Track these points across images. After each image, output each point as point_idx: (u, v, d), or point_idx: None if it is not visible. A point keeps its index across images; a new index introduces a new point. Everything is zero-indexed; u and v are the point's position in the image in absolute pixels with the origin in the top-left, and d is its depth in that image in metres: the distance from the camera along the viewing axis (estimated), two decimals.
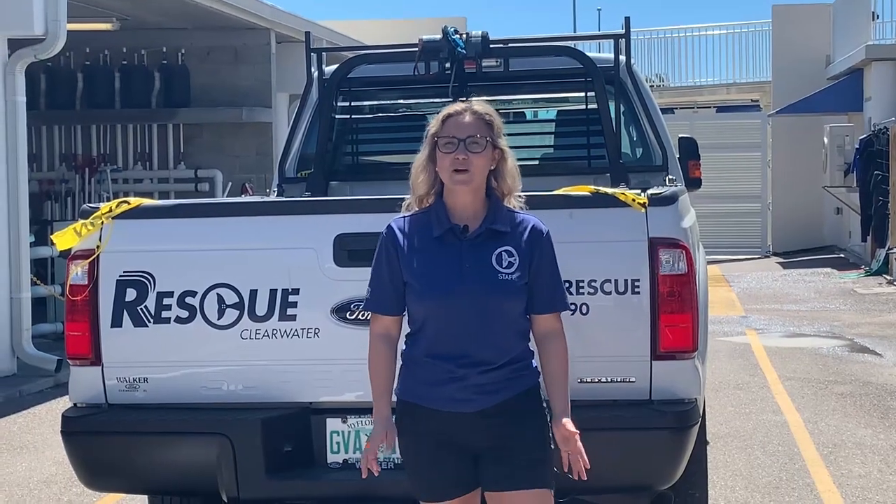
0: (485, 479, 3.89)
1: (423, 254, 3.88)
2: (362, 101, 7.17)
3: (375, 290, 3.94)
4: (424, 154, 3.94)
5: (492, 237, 3.87)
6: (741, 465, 7.60)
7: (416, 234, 3.91)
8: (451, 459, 3.87)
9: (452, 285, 3.82)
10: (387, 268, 3.91)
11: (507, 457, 3.85)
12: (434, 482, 3.90)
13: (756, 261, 23.41)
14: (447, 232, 3.87)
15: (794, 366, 11.27)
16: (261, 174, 16.49)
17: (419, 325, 3.89)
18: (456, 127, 3.87)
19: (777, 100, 24.97)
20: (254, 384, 4.60)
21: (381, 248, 3.95)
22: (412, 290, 3.87)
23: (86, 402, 4.72)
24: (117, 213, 4.64)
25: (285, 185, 6.85)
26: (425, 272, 3.85)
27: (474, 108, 3.92)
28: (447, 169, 3.85)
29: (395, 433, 3.88)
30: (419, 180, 3.94)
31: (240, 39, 16.74)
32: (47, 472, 7.85)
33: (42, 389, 10.94)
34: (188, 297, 4.59)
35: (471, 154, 3.83)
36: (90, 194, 16.26)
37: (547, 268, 3.90)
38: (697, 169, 7.12)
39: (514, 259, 3.85)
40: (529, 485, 3.83)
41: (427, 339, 3.86)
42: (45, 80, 16.66)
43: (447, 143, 3.86)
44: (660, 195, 4.51)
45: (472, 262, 3.84)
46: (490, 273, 3.83)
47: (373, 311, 3.97)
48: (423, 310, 3.86)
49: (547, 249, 3.91)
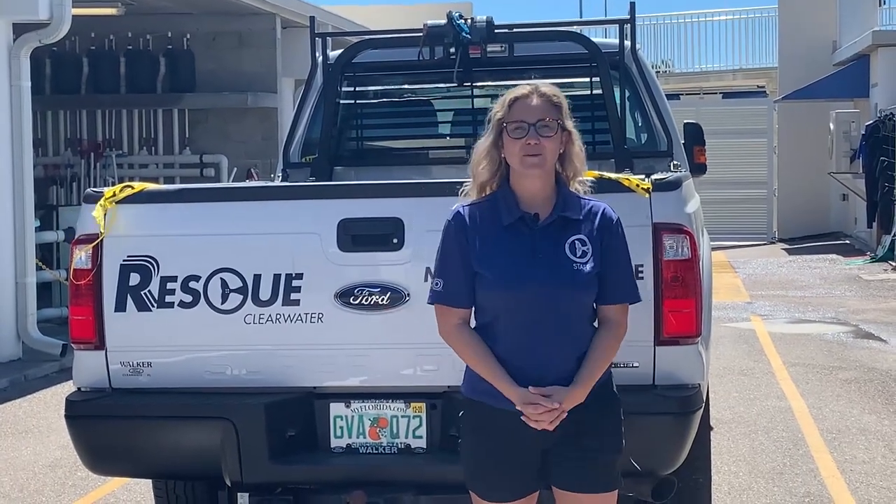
0: (556, 477, 3.78)
1: (493, 243, 3.73)
2: (367, 87, 7.15)
3: (448, 281, 3.76)
4: (489, 140, 3.78)
5: (564, 225, 3.75)
6: (745, 451, 7.61)
7: (484, 222, 3.76)
8: (518, 461, 3.77)
9: (525, 276, 3.68)
10: (459, 257, 3.75)
11: (582, 457, 3.75)
12: (497, 484, 3.79)
13: (761, 247, 23.40)
14: (518, 220, 3.74)
15: (798, 352, 11.27)
16: (266, 159, 16.49)
17: (489, 319, 3.76)
18: (524, 110, 3.74)
19: (783, 86, 24.93)
20: (257, 369, 4.60)
21: (451, 236, 3.79)
22: (483, 281, 3.72)
23: (89, 386, 4.71)
24: (121, 197, 4.64)
25: (290, 170, 6.84)
26: (496, 262, 3.71)
27: (542, 89, 3.78)
28: (517, 154, 3.71)
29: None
30: (481, 167, 3.79)
31: (245, 24, 16.73)
32: (52, 456, 7.88)
33: (47, 374, 10.97)
34: (192, 281, 4.58)
35: (542, 138, 3.70)
36: (95, 179, 16.28)
37: (617, 256, 3.78)
38: (702, 154, 7.10)
39: (587, 248, 3.73)
40: (603, 488, 3.78)
41: (498, 334, 3.73)
42: (50, 65, 16.68)
43: (516, 128, 3.71)
44: (664, 180, 4.50)
45: (545, 251, 3.71)
46: (564, 263, 3.71)
47: (445, 305, 3.80)
48: (493, 302, 3.73)
49: (618, 237, 3.79)
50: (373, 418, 4.58)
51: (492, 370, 3.72)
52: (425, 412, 4.55)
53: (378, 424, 4.59)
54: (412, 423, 4.56)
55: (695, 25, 29.86)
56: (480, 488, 3.82)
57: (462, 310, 3.78)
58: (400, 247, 4.48)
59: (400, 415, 4.58)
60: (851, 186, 21.93)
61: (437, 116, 7.54)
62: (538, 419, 3.66)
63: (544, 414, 3.65)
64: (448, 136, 7.50)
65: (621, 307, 3.81)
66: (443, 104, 7.50)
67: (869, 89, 21.97)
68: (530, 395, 3.67)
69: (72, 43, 16.40)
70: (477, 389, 3.78)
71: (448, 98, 7.42)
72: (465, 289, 3.76)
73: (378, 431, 4.59)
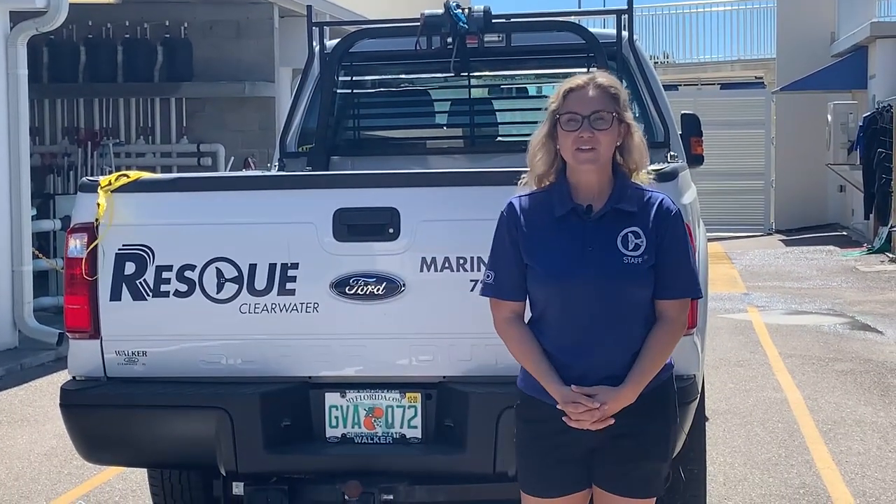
0: (599, 475, 3.73)
1: (543, 235, 3.66)
2: (364, 76, 7.15)
3: (499, 273, 3.70)
4: (543, 131, 3.69)
5: (618, 217, 3.64)
6: (740, 442, 7.61)
7: (537, 213, 3.68)
8: (570, 458, 3.70)
9: (573, 269, 3.60)
10: (511, 249, 3.68)
11: (627, 460, 3.69)
12: (549, 480, 3.74)
13: (758, 238, 23.41)
14: (570, 212, 3.65)
15: (794, 343, 11.28)
16: (263, 149, 16.46)
17: (539, 313, 3.70)
18: (579, 102, 3.63)
19: (781, 77, 24.91)
20: (252, 358, 4.60)
21: (503, 228, 3.71)
22: (533, 273, 3.66)
23: (84, 375, 4.71)
24: (116, 186, 4.63)
25: (286, 159, 6.83)
26: (546, 255, 3.64)
27: (598, 80, 3.67)
28: (570, 148, 3.62)
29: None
30: (537, 159, 3.70)
31: (243, 13, 16.69)
32: (48, 445, 7.88)
33: (43, 363, 10.97)
34: (187, 270, 4.58)
35: (596, 131, 3.60)
36: (92, 168, 16.26)
37: (674, 249, 3.65)
38: (699, 145, 7.10)
39: (641, 241, 3.62)
40: (641, 494, 3.73)
41: (547, 329, 3.67)
42: (47, 54, 16.64)
43: (570, 121, 3.62)
44: (660, 171, 4.48)
45: (596, 244, 3.62)
46: (614, 256, 3.61)
47: (496, 298, 3.73)
48: (542, 296, 3.66)
49: (676, 229, 3.67)
50: (368, 408, 4.58)
51: (537, 366, 3.67)
52: (420, 402, 4.55)
53: (373, 414, 4.59)
54: (407, 413, 4.56)
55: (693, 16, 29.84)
56: (534, 485, 3.77)
57: (513, 303, 3.72)
58: (396, 237, 4.47)
59: (395, 405, 4.58)
60: (849, 178, 21.94)
61: (434, 106, 7.54)
62: (579, 418, 3.59)
63: (585, 413, 3.58)
64: (445, 126, 7.49)
65: (679, 303, 3.70)
66: (440, 94, 7.50)
67: (867, 81, 21.96)
68: (572, 393, 3.60)
69: (69, 31, 16.35)
70: (530, 385, 3.73)
71: (445, 88, 7.41)
72: (516, 281, 3.69)
73: (373, 421, 4.59)
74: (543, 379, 3.66)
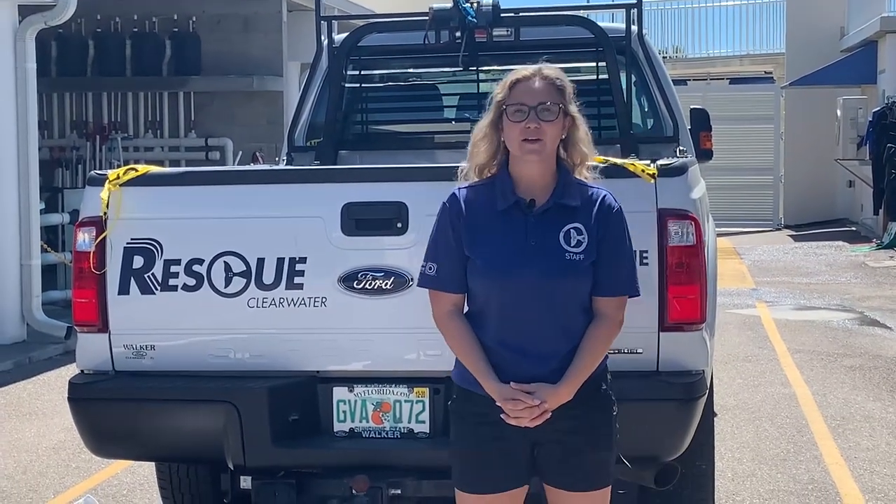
0: (547, 474, 3.71)
1: (486, 228, 3.63)
2: (372, 70, 7.14)
3: (440, 265, 3.66)
4: (487, 121, 3.67)
5: (560, 212, 3.62)
6: (749, 437, 7.60)
7: (479, 205, 3.65)
8: (506, 454, 3.67)
9: (515, 264, 3.57)
10: (453, 241, 3.64)
11: (574, 455, 3.67)
12: (482, 475, 3.69)
13: (767, 233, 23.37)
14: (513, 206, 3.62)
15: (803, 338, 11.26)
16: (271, 143, 16.45)
17: (479, 306, 3.66)
18: (525, 93, 3.62)
19: (790, 72, 24.86)
20: (261, 353, 4.59)
21: (445, 219, 3.68)
22: (473, 266, 3.62)
23: (92, 368, 4.71)
24: (125, 180, 4.63)
25: (295, 153, 6.83)
26: (487, 248, 3.61)
27: (544, 72, 3.67)
28: (516, 139, 3.59)
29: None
30: (480, 149, 3.68)
31: (251, 7, 16.69)
32: (56, 438, 7.89)
33: (52, 356, 10.99)
34: (195, 264, 4.58)
35: (542, 123, 3.58)
36: (101, 162, 16.27)
37: (614, 247, 3.63)
38: (709, 140, 7.08)
39: (582, 237, 3.60)
40: (593, 486, 3.70)
41: (486, 323, 3.64)
42: (55, 47, 16.65)
43: (516, 111, 3.60)
44: (669, 166, 4.47)
45: (538, 239, 3.60)
46: (556, 252, 3.59)
47: (436, 290, 3.69)
48: (484, 289, 3.62)
49: (617, 227, 3.65)
50: (376, 403, 4.58)
51: (475, 362, 3.64)
52: (428, 397, 4.55)
53: (381, 409, 4.59)
54: (415, 408, 4.56)
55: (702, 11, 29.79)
56: (470, 481, 3.73)
57: (454, 295, 3.68)
58: (404, 231, 4.46)
59: (403, 399, 4.57)
60: (858, 173, 21.89)
61: (443, 101, 7.53)
62: (518, 415, 3.58)
63: (524, 410, 3.57)
64: (453, 121, 7.48)
65: (617, 301, 3.68)
66: (448, 88, 7.48)
67: (877, 76, 21.90)
68: (511, 390, 3.59)
69: (77, 25, 16.37)
70: (466, 378, 3.70)
71: (453, 82, 7.40)
72: (457, 274, 3.66)
73: (381, 416, 4.59)
74: (481, 375, 3.63)
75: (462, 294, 3.70)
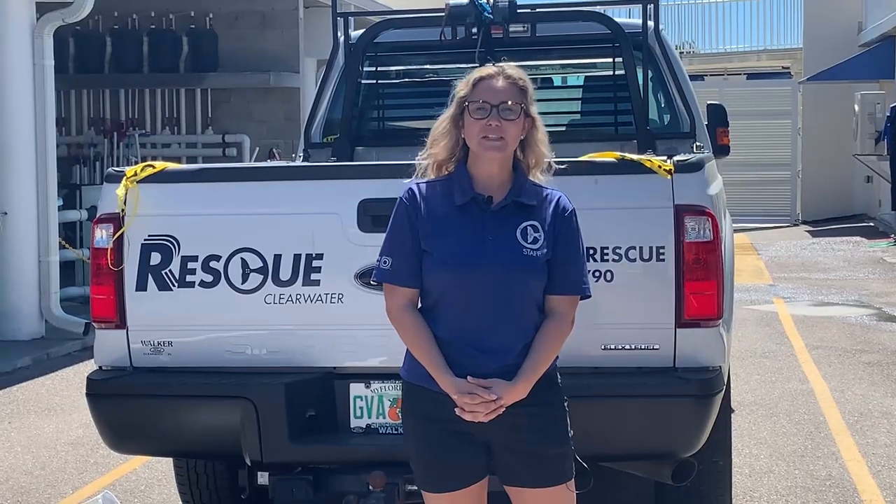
0: (504, 473, 3.72)
1: (444, 223, 3.66)
2: (388, 67, 7.14)
3: (396, 259, 3.68)
4: (448, 116, 3.73)
5: (517, 210, 3.67)
6: (766, 434, 7.58)
7: (437, 200, 3.69)
8: (462, 448, 3.68)
9: (473, 258, 3.61)
10: (409, 235, 3.67)
11: (529, 451, 3.68)
12: (442, 472, 3.71)
13: (785, 229, 23.30)
14: (470, 202, 3.66)
15: (821, 334, 11.22)
16: (288, 139, 16.49)
17: (434, 301, 3.68)
18: (488, 91, 3.66)
19: (808, 67, 24.78)
20: (277, 349, 4.61)
21: (402, 213, 3.71)
22: (430, 260, 3.65)
23: (111, 364, 4.73)
24: (142, 177, 4.64)
25: (311, 150, 6.84)
26: (445, 242, 3.64)
27: (508, 72, 3.70)
28: (476, 136, 3.64)
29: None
30: (440, 145, 3.73)
31: (268, 4, 16.72)
32: (74, 434, 7.92)
33: (70, 352, 11.02)
34: (212, 261, 4.59)
35: (504, 121, 3.63)
36: (118, 158, 16.32)
37: (568, 247, 3.69)
38: (726, 136, 7.07)
39: (539, 234, 3.65)
40: (554, 481, 3.71)
41: (441, 317, 3.66)
42: (73, 44, 16.72)
43: (478, 109, 3.64)
44: (686, 162, 4.47)
45: (496, 235, 3.64)
46: (514, 248, 3.63)
47: (391, 284, 3.71)
48: (440, 283, 3.65)
49: (572, 228, 3.70)
50: (392, 399, 4.58)
51: (430, 357, 3.64)
52: None
53: (397, 405, 4.58)
54: None
55: (719, 6, 29.72)
56: (427, 478, 3.74)
57: (409, 289, 3.70)
58: None
59: None
60: (876, 168, 21.80)
61: None
62: (474, 409, 3.58)
63: (480, 405, 3.57)
64: None
65: (569, 300, 3.72)
66: None
67: (894, 71, 21.80)
68: (467, 384, 3.59)
69: (95, 22, 16.42)
70: (417, 373, 3.70)
71: None
72: (413, 268, 3.67)
73: (398, 412, 4.58)
74: (436, 370, 3.63)
75: (416, 289, 3.71)
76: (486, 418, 3.60)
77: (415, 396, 3.75)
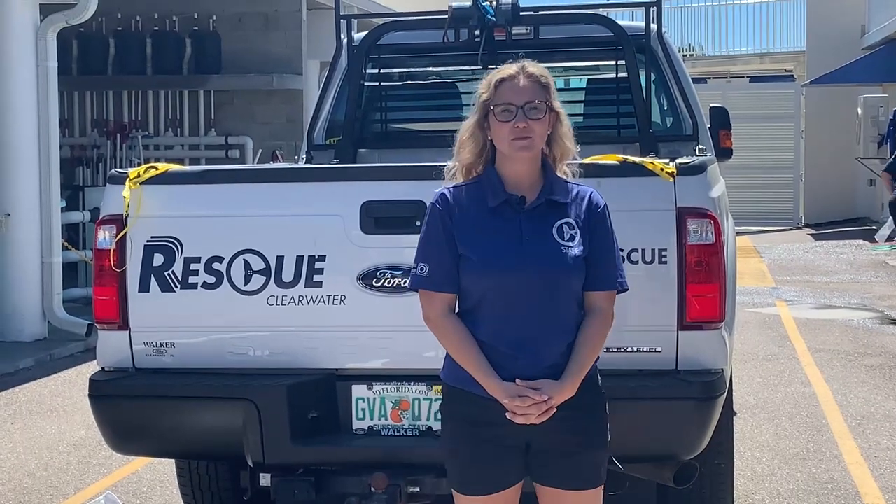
0: (540, 474, 3.67)
1: (478, 225, 3.60)
2: (391, 69, 7.15)
3: (432, 265, 3.61)
4: (473, 121, 3.67)
5: (551, 209, 3.62)
6: (768, 437, 7.58)
7: (469, 203, 3.63)
8: (502, 452, 3.63)
9: (512, 259, 3.56)
10: (444, 239, 3.60)
11: (569, 454, 3.63)
12: (479, 475, 3.65)
13: (787, 232, 23.29)
14: (503, 203, 3.61)
15: (823, 337, 11.22)
16: (291, 141, 16.50)
17: (473, 304, 3.62)
18: (511, 92, 3.61)
19: (811, 70, 24.78)
20: (280, 350, 4.61)
21: (436, 219, 3.64)
22: (469, 264, 3.58)
23: (113, 366, 4.73)
24: (145, 178, 4.65)
25: (314, 152, 6.84)
26: (482, 244, 3.58)
27: (528, 70, 3.66)
28: (506, 138, 3.58)
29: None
30: (467, 149, 3.67)
31: (271, 6, 16.74)
32: (77, 435, 7.92)
33: (72, 353, 11.03)
34: (215, 262, 4.59)
35: (530, 121, 3.58)
36: (121, 160, 16.35)
37: (604, 242, 3.65)
38: (728, 139, 7.07)
39: (574, 232, 3.60)
40: (587, 485, 3.68)
41: (482, 320, 3.60)
42: (76, 46, 16.74)
43: (504, 111, 3.59)
44: (689, 164, 4.47)
45: (532, 234, 3.59)
46: (552, 246, 3.58)
47: (429, 290, 3.64)
48: (478, 286, 3.59)
49: (605, 223, 3.66)
50: (395, 400, 4.59)
51: (475, 362, 3.60)
52: None
53: (400, 407, 4.59)
54: (434, 406, 4.56)
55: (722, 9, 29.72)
56: (463, 481, 3.70)
57: (447, 295, 3.64)
58: None
59: (422, 397, 4.58)
60: (879, 172, 21.79)
61: (462, 99, 7.53)
62: (526, 412, 3.55)
63: (532, 407, 3.54)
64: None
65: (608, 295, 3.68)
66: (467, 87, 7.48)
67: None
68: (516, 387, 3.56)
69: (98, 24, 16.44)
70: (458, 377, 3.66)
71: (472, 81, 7.39)
72: (450, 273, 3.61)
73: (400, 414, 4.60)
74: (482, 375, 3.59)
75: (454, 294, 3.66)
76: (539, 420, 3.56)
77: (456, 399, 3.70)
